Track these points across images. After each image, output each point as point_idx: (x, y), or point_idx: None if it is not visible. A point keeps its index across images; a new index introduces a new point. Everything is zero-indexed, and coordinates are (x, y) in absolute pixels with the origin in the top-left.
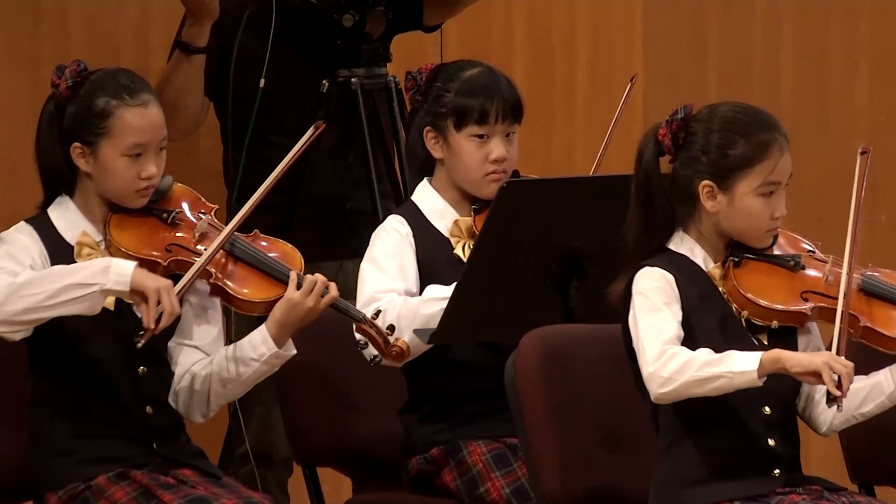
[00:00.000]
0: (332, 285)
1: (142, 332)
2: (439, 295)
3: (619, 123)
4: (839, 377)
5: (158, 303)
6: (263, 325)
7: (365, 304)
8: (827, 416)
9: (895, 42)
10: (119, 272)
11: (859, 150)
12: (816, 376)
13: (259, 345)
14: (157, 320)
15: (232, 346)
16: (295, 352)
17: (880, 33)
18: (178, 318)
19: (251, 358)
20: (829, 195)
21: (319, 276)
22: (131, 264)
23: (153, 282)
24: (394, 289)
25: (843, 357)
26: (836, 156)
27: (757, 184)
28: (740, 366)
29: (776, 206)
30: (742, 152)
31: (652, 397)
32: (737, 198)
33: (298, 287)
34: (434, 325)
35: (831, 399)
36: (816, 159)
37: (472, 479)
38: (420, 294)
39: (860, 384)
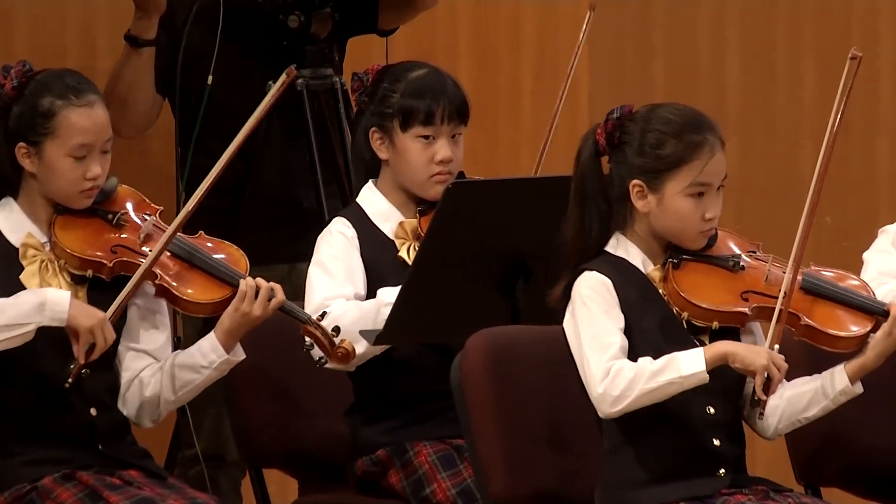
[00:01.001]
0: (279, 289)
1: (72, 366)
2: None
3: (563, 123)
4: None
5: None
6: (212, 333)
7: (315, 310)
8: (772, 419)
9: (840, 42)
10: (55, 308)
11: (849, 56)
12: (752, 375)
13: (209, 352)
14: (89, 351)
15: (182, 353)
16: (244, 356)
17: (825, 33)
18: (125, 321)
19: (201, 365)
20: (775, 195)
21: (263, 282)
22: (66, 299)
23: (87, 320)
24: (342, 294)
25: (780, 357)
26: (782, 156)
27: (685, 184)
28: (687, 368)
29: (708, 207)
30: (671, 152)
31: (602, 416)
32: (666, 198)
33: (252, 290)
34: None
35: (755, 402)
36: (763, 160)
37: (418, 481)
38: (366, 294)
39: (804, 388)
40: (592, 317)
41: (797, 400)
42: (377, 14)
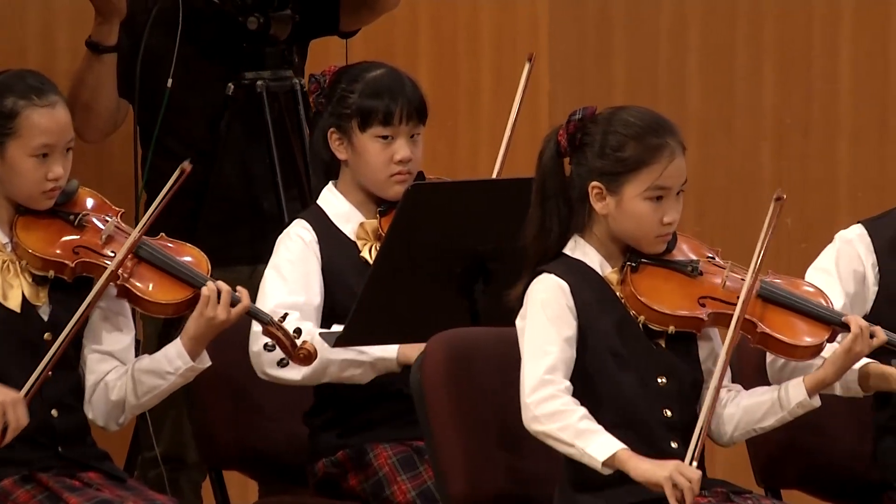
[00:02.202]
0: (244, 293)
1: None
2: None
3: (523, 124)
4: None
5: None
6: (178, 339)
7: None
8: (728, 427)
9: (800, 44)
10: None
11: (774, 197)
12: (660, 489)
13: (175, 359)
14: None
15: (147, 358)
16: (210, 363)
17: (786, 35)
18: (86, 323)
19: (166, 371)
20: (735, 197)
21: (225, 287)
22: None
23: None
24: (295, 302)
25: (692, 467)
26: (742, 157)
27: (644, 188)
28: (593, 451)
29: (666, 211)
30: (630, 155)
31: (524, 422)
32: (624, 200)
33: (215, 294)
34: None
35: None
36: (723, 161)
37: (378, 483)
38: (322, 305)
39: (762, 398)
40: (539, 323)
41: (754, 410)
42: (338, 16)
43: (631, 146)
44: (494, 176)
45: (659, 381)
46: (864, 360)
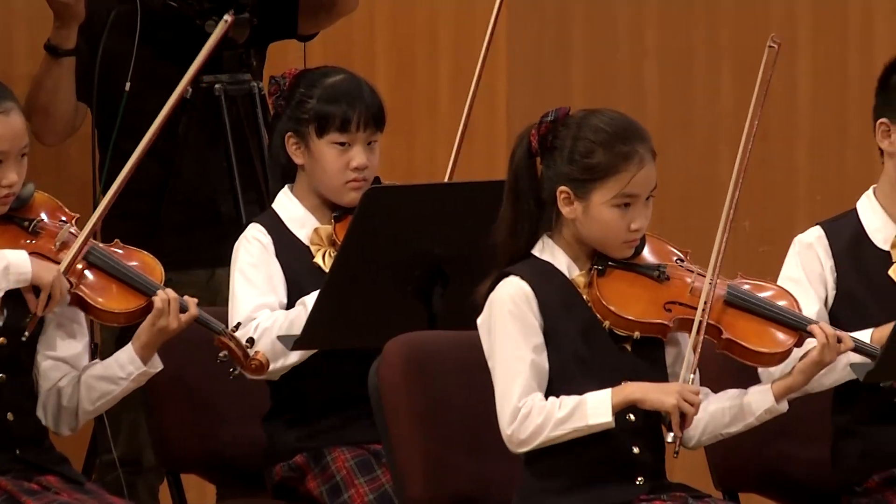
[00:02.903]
0: (192, 303)
1: (28, 319)
2: None
3: (481, 126)
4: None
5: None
6: (130, 345)
7: (244, 321)
8: (694, 432)
9: (758, 46)
10: (18, 271)
11: (768, 44)
12: (666, 413)
13: (126, 364)
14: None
15: (99, 364)
16: (161, 367)
17: (743, 37)
18: (41, 329)
19: (119, 377)
20: (694, 200)
21: (173, 295)
22: (25, 259)
23: (48, 273)
24: (266, 303)
25: (693, 387)
26: (701, 160)
27: (611, 195)
28: (594, 417)
29: (634, 217)
30: (598, 162)
31: (511, 450)
32: (592, 206)
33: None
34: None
35: (672, 440)
36: (681, 164)
37: (335, 486)
38: (287, 301)
39: (729, 403)
40: (508, 338)
41: (721, 414)
42: (296, 20)
43: (599, 153)
44: (449, 169)
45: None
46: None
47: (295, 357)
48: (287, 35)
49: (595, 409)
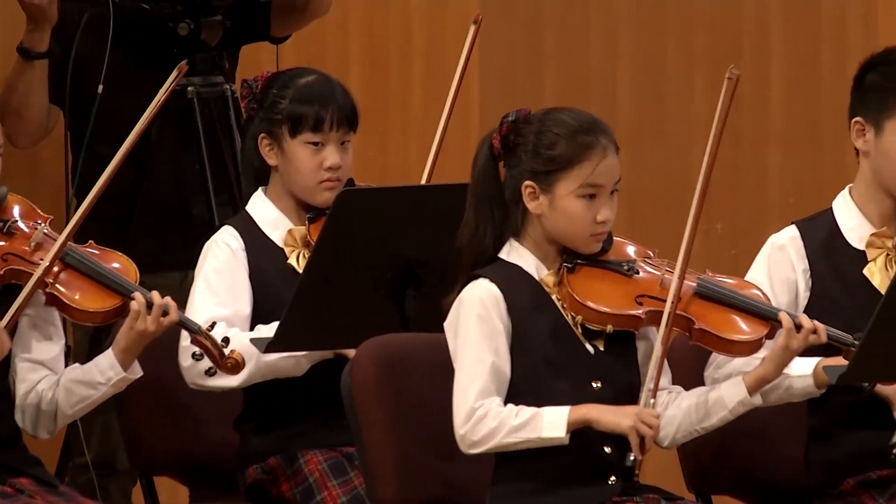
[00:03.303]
0: (172, 306)
1: None
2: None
3: (454, 130)
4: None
5: None
6: (110, 350)
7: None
8: (669, 429)
9: (731, 50)
10: None
11: (727, 76)
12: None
13: (106, 370)
14: None
15: (79, 368)
16: (141, 373)
17: (716, 41)
18: (16, 330)
19: (98, 382)
20: (666, 202)
21: (157, 298)
22: None
23: None
24: (221, 315)
25: (652, 410)
26: (673, 164)
27: (576, 185)
28: (548, 431)
29: (599, 209)
30: (562, 153)
31: (463, 451)
32: (557, 198)
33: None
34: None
35: (632, 463)
36: (654, 168)
37: (308, 489)
38: (251, 314)
39: (702, 398)
40: (472, 340)
41: (695, 410)
42: (269, 22)
43: (562, 144)
44: (425, 178)
45: (594, 385)
46: (814, 360)
47: (235, 382)
48: (260, 37)
49: (551, 423)
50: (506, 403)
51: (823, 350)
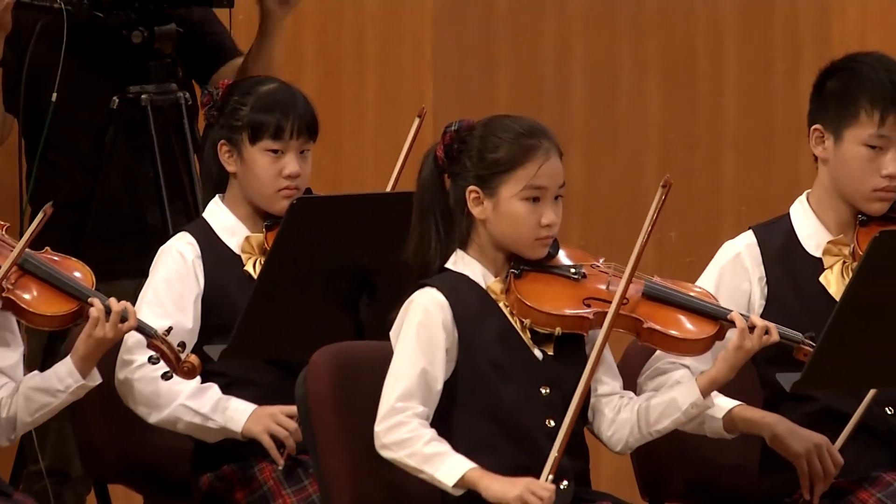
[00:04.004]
0: (131, 312)
1: None
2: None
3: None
4: None
5: None
6: (68, 358)
7: (138, 339)
8: (623, 433)
9: (684, 58)
10: None
11: (661, 184)
12: None
13: (65, 377)
14: None
15: (38, 375)
16: (100, 381)
17: (669, 49)
18: None
19: (57, 389)
20: (620, 211)
21: (115, 305)
22: None
23: None
24: (161, 327)
25: (546, 483)
26: (627, 172)
27: (519, 188)
28: (443, 475)
29: (543, 212)
30: (504, 155)
31: (376, 448)
32: (501, 202)
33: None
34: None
35: None
36: (608, 176)
37: (262, 496)
38: (195, 329)
39: (655, 401)
40: (407, 344)
41: (648, 413)
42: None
43: (505, 147)
44: (390, 187)
45: (542, 391)
46: (732, 404)
47: (152, 419)
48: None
49: (449, 469)
50: (455, 410)
51: (775, 352)
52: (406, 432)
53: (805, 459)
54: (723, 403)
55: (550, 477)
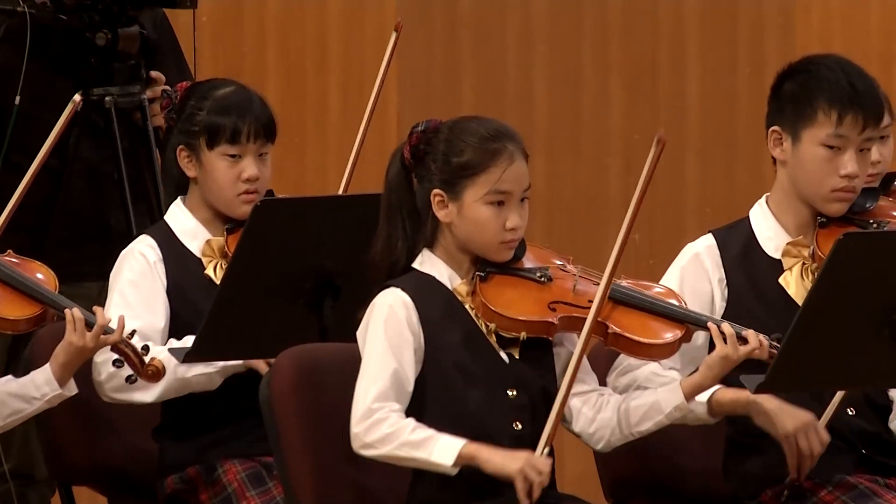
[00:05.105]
0: (120, 326)
1: None
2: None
3: (372, 141)
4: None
5: None
6: (48, 366)
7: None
8: (604, 432)
9: (646, 62)
10: None
11: (655, 140)
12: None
13: (42, 385)
14: None
15: (14, 381)
16: (76, 391)
17: (631, 53)
18: None
19: (32, 396)
20: (582, 214)
21: (101, 318)
22: None
23: None
24: (136, 327)
25: (543, 458)
26: (590, 174)
27: (484, 191)
28: (438, 457)
29: (508, 216)
30: (468, 159)
31: (354, 450)
32: (465, 206)
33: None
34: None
35: None
36: (570, 178)
37: (227, 499)
38: (166, 325)
39: (639, 401)
40: (377, 344)
41: (630, 414)
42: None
43: (469, 152)
44: (342, 186)
45: (509, 394)
46: (713, 387)
47: (149, 397)
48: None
49: (443, 449)
50: (420, 412)
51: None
52: (388, 427)
53: (794, 438)
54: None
55: (546, 450)
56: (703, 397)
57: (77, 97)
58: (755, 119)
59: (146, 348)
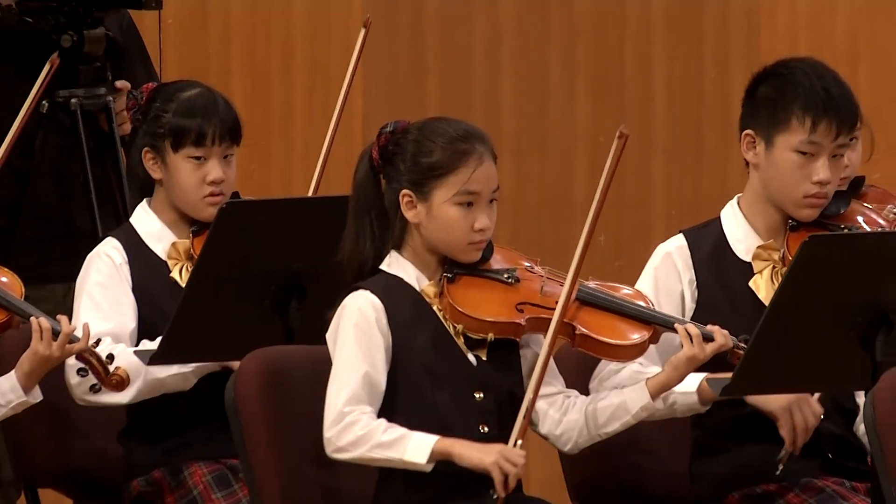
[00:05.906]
0: (86, 334)
1: None
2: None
3: (337, 142)
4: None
5: None
6: (13, 373)
7: None
8: (572, 433)
9: (613, 63)
10: None
11: (617, 134)
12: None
13: (7, 392)
14: None
15: None
16: (41, 398)
17: (598, 53)
18: None
19: None
20: (548, 216)
21: (66, 326)
22: None
23: None
24: (108, 331)
25: (517, 448)
26: (556, 175)
27: (452, 192)
28: (411, 455)
29: (476, 217)
30: (437, 160)
31: (327, 454)
32: (434, 207)
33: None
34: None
35: (493, 501)
36: (536, 179)
37: (192, 501)
38: (137, 326)
39: (605, 402)
40: (348, 347)
41: (597, 415)
42: None
43: (438, 151)
44: (312, 188)
45: (476, 396)
46: (700, 376)
47: (124, 398)
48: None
49: (416, 447)
50: (388, 414)
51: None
52: (360, 429)
53: (789, 412)
54: (691, 377)
55: (519, 442)
56: (692, 387)
57: (55, 56)
58: (721, 120)
59: (111, 357)
